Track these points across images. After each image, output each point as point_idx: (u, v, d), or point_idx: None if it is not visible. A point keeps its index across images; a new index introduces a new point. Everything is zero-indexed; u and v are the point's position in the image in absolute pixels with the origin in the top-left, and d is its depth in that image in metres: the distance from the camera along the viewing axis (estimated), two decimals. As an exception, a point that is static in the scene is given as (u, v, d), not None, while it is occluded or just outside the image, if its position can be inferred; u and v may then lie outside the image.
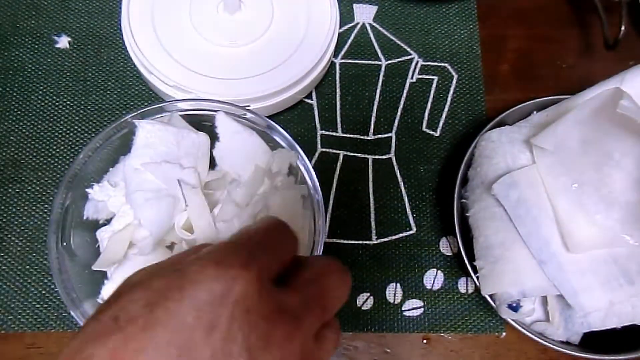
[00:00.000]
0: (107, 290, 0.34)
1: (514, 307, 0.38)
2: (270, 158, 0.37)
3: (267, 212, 0.36)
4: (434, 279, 0.43)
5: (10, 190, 0.43)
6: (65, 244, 0.34)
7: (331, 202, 0.44)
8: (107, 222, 0.37)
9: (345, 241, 0.44)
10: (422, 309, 0.42)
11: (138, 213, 0.34)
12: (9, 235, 0.42)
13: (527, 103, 0.42)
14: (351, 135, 0.46)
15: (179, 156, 0.35)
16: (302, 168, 0.36)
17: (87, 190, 0.36)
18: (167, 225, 0.35)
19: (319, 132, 0.46)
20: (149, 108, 0.36)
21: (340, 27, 0.47)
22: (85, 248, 0.36)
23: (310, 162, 0.36)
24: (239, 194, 0.36)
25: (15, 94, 0.45)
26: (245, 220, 0.35)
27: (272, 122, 0.36)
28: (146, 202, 0.34)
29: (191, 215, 0.34)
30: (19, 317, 0.41)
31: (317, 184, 0.35)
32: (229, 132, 0.37)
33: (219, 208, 0.35)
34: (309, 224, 0.36)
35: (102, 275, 0.37)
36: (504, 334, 0.42)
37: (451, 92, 0.48)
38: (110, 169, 0.37)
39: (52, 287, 0.41)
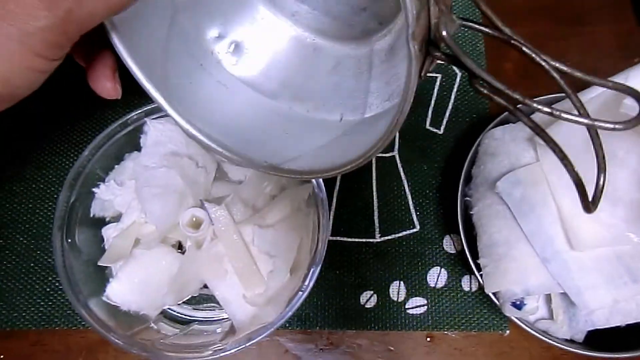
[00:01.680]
0: (112, 288, 0.34)
1: (518, 305, 0.38)
2: None
3: (271, 209, 0.36)
4: (437, 276, 0.43)
5: (14, 188, 0.43)
6: (70, 240, 0.34)
7: (335, 200, 0.44)
8: (114, 219, 0.38)
9: (349, 239, 0.44)
10: (426, 306, 0.42)
11: (145, 207, 0.34)
12: (14, 233, 0.42)
13: (531, 101, 0.42)
14: (355, 133, 0.46)
15: (189, 155, 0.36)
16: None
17: (93, 189, 0.36)
18: (172, 220, 0.35)
19: (323, 130, 0.46)
20: (153, 105, 0.36)
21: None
22: (91, 245, 0.37)
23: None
24: (246, 193, 0.36)
25: (19, 92, 0.46)
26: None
27: None
28: (153, 197, 0.34)
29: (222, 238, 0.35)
30: (24, 314, 0.41)
31: (321, 182, 0.35)
32: None
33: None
34: (313, 221, 0.36)
35: (107, 274, 0.37)
36: (508, 331, 0.42)
37: (455, 90, 0.48)
38: (116, 166, 0.37)
39: (57, 284, 0.41)
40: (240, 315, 0.35)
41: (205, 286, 0.36)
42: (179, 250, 0.37)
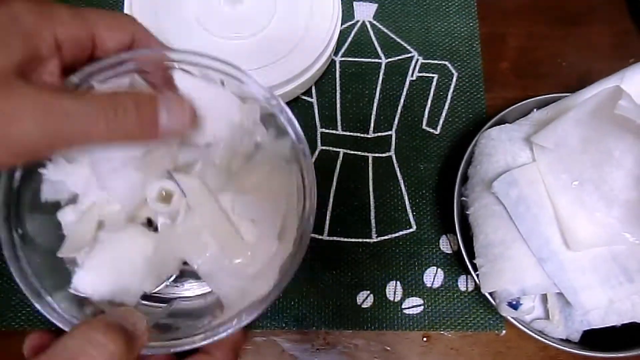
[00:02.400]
0: (79, 278, 0.31)
1: (514, 305, 0.38)
2: (244, 112, 0.33)
3: (249, 171, 0.33)
4: (434, 276, 0.43)
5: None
6: (21, 231, 0.30)
7: (331, 200, 0.44)
8: (70, 201, 0.33)
9: (345, 239, 0.44)
10: (422, 306, 0.42)
11: (105, 184, 0.31)
12: (9, 233, 0.42)
13: (527, 101, 0.42)
14: (351, 133, 0.46)
15: None
16: (283, 119, 0.32)
17: (39, 170, 0.31)
18: (139, 195, 0.31)
19: (319, 130, 0.46)
20: (100, 63, 0.29)
21: (340, 25, 0.46)
22: (47, 234, 0.32)
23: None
24: (218, 155, 0.32)
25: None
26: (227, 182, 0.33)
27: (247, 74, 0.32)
28: (113, 172, 0.30)
29: (192, 202, 0.31)
30: (19, 314, 0.41)
31: (301, 132, 0.32)
32: (194, 91, 0.31)
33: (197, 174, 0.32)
34: (297, 180, 0.32)
35: (72, 263, 0.33)
36: (504, 331, 0.42)
37: (451, 90, 0.48)
38: None
39: (52, 285, 0.41)
40: (226, 288, 0.32)
41: (186, 263, 0.32)
42: (150, 228, 0.33)
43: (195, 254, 0.31)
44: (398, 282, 0.43)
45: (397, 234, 0.44)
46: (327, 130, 0.46)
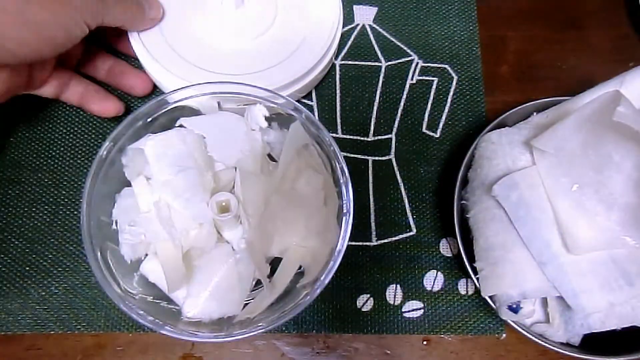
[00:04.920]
0: (190, 306, 0.34)
1: (514, 309, 0.38)
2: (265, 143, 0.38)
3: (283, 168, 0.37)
4: (434, 280, 0.43)
5: (10, 191, 0.43)
6: (125, 288, 0.34)
7: (331, 203, 0.44)
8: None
9: (345, 242, 0.44)
10: (422, 310, 0.42)
11: (189, 213, 0.35)
12: (9, 237, 0.42)
13: (527, 104, 0.42)
14: (351, 137, 0.46)
15: (189, 152, 0.36)
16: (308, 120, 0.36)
17: (119, 239, 0.36)
18: (209, 215, 0.35)
19: (319, 133, 0.46)
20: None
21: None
22: (145, 285, 0.36)
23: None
24: (248, 165, 0.37)
25: (15, 95, 0.45)
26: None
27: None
28: (188, 202, 0.35)
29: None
30: (19, 318, 0.40)
31: (325, 130, 0.36)
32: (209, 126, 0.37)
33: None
34: (320, 156, 0.38)
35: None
36: (504, 335, 0.42)
37: (451, 93, 0.48)
38: (113, 210, 0.36)
39: (52, 288, 0.41)
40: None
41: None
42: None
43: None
44: (398, 286, 0.43)
45: (397, 238, 0.44)
46: (327, 134, 0.46)
